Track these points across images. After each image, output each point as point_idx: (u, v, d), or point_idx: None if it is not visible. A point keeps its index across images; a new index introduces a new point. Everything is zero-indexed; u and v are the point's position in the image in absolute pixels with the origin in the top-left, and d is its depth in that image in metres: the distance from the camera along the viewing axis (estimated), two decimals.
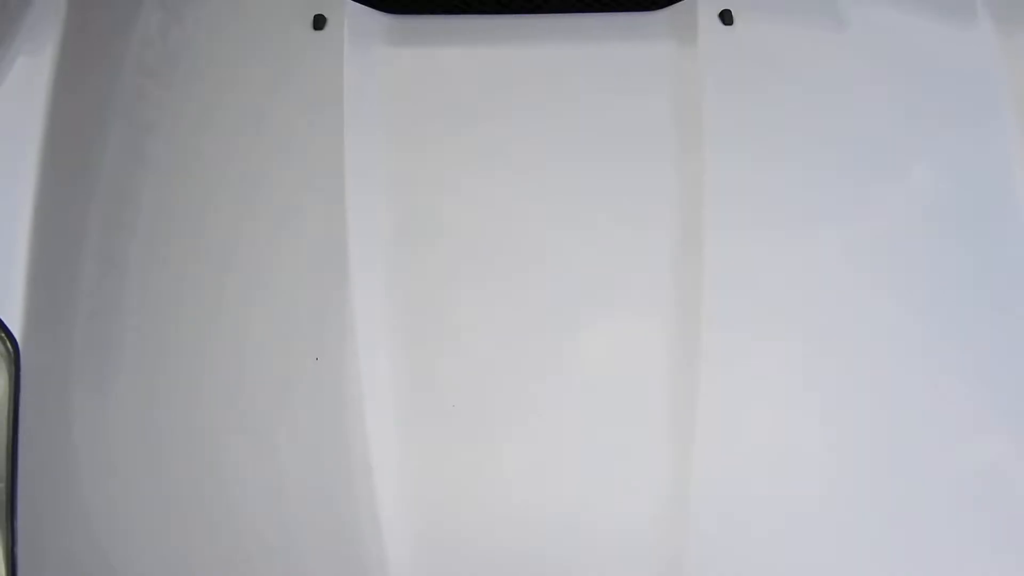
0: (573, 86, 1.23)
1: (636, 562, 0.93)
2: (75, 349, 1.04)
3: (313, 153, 1.15)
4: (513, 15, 1.29)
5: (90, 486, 0.98)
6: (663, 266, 1.07)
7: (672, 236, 1.08)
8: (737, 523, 0.95)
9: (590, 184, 1.14)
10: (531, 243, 1.09)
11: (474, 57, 1.27)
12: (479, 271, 1.07)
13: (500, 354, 1.03)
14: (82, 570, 0.95)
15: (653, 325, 1.04)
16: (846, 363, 1.05)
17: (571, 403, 1.00)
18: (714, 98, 1.19)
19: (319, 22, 1.24)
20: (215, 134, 1.19)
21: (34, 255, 1.07)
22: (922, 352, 1.06)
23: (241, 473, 0.98)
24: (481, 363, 1.02)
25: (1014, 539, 0.99)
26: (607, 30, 1.28)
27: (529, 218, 1.11)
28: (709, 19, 1.25)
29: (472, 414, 1.00)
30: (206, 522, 0.96)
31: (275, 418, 1.00)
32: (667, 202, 1.11)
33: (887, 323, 1.07)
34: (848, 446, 1.01)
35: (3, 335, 1.01)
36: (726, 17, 1.26)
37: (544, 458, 0.98)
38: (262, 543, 0.95)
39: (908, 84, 1.26)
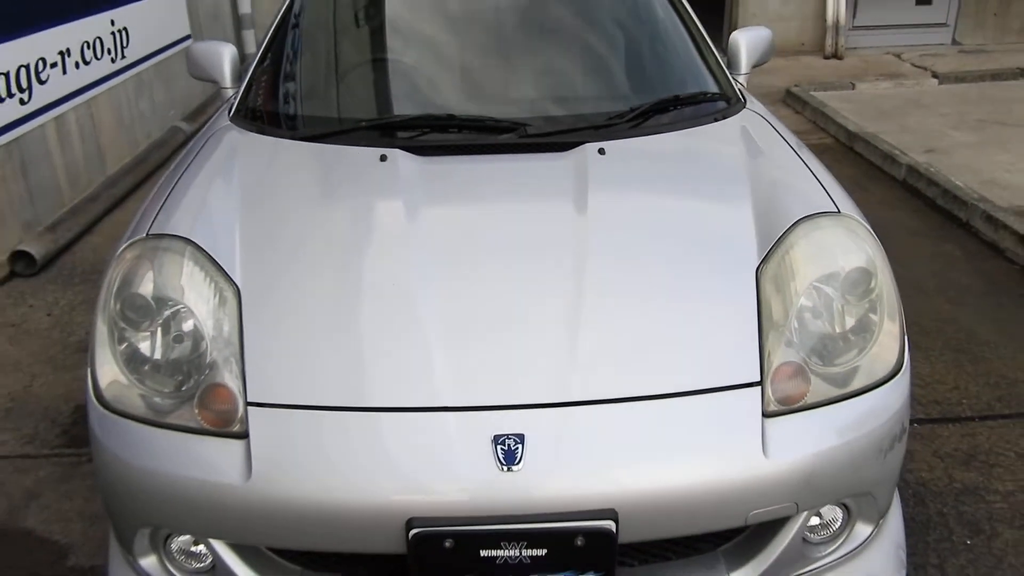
0: (519, 201, 2.26)
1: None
2: (269, 294, 1.96)
3: (378, 211, 2.21)
4: (486, 156, 2.39)
5: (283, 345, 1.87)
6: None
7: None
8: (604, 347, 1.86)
9: (532, 237, 2.10)
10: (496, 293, 1.99)
11: (463, 181, 2.34)
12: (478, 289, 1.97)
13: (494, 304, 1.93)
14: (281, 374, 1.83)
15: (557, 300, 1.92)
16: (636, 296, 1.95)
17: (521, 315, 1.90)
18: (595, 189, 2.22)
19: (383, 158, 2.34)
20: (327, 208, 2.26)
21: (242, 243, 2.06)
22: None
23: (362, 336, 1.87)
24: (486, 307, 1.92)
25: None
26: (541, 164, 2.37)
27: (499, 281, 2.03)
28: (593, 154, 2.35)
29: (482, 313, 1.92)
30: (339, 342, 1.86)
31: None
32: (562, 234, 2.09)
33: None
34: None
35: (233, 284, 1.94)
36: (602, 151, 2.36)
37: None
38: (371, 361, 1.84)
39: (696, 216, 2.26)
